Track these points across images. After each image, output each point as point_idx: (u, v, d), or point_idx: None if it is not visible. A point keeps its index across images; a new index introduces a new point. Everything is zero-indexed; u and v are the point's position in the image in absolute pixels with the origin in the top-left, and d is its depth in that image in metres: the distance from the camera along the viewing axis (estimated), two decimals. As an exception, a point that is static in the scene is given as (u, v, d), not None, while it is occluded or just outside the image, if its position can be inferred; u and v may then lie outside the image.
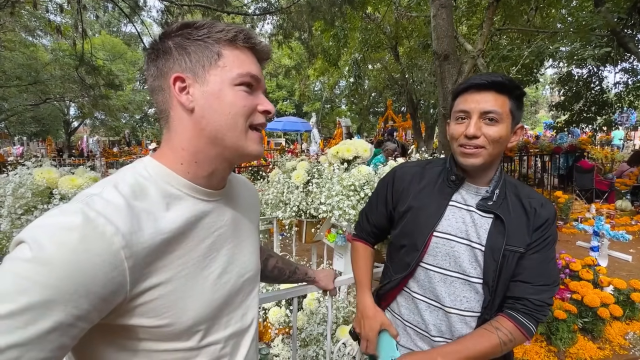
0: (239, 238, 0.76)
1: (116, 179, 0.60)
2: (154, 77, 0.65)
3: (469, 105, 0.95)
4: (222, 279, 0.69)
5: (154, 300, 0.56)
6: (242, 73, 0.64)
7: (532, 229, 0.96)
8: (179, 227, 0.60)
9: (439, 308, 1.00)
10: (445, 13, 4.45)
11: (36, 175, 1.54)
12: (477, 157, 0.95)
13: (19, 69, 12.51)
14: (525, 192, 1.03)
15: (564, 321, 2.70)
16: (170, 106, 0.65)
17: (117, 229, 0.51)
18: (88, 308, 0.48)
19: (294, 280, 1.24)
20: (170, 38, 0.64)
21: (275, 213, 2.33)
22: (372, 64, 15.15)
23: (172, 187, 0.63)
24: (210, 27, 0.64)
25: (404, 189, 1.09)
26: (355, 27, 9.69)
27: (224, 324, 0.70)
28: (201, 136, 0.64)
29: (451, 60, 4.48)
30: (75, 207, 0.51)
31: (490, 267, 0.94)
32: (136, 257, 0.52)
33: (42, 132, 21.75)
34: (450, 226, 1.00)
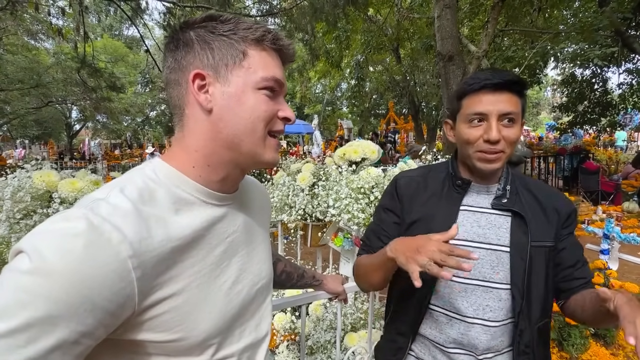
0: (252, 244, 0.72)
1: (123, 182, 0.55)
2: (170, 69, 0.61)
3: (486, 107, 0.88)
4: (235, 289, 0.65)
5: (164, 314, 0.52)
6: (266, 77, 0.60)
7: (559, 223, 0.94)
8: (191, 233, 0.56)
9: (460, 320, 0.93)
10: (450, 13, 4.41)
11: (35, 178, 1.49)
12: (498, 162, 0.90)
13: (21, 72, 12.53)
14: (535, 185, 1.00)
15: (575, 327, 2.63)
16: (186, 103, 0.61)
17: (124, 236, 0.46)
18: (94, 323, 0.44)
19: (301, 285, 1.20)
20: (193, 29, 0.60)
21: (280, 216, 2.28)
22: (374, 66, 15.15)
23: (183, 191, 0.59)
24: (237, 23, 0.60)
25: (410, 198, 1.02)
26: (357, 29, 9.69)
27: (237, 336, 0.66)
28: (217, 139, 0.60)
29: (456, 61, 4.44)
30: (78, 213, 0.46)
31: (518, 268, 0.89)
32: (145, 267, 0.48)
33: (44, 135, 21.79)
34: (466, 232, 0.94)
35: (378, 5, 9.56)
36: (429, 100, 13.87)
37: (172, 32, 0.63)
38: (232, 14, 0.65)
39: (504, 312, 0.91)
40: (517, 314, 0.89)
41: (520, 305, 0.88)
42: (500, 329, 0.91)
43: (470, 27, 10.01)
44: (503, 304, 0.91)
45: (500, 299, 0.91)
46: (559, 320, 2.68)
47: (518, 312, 0.89)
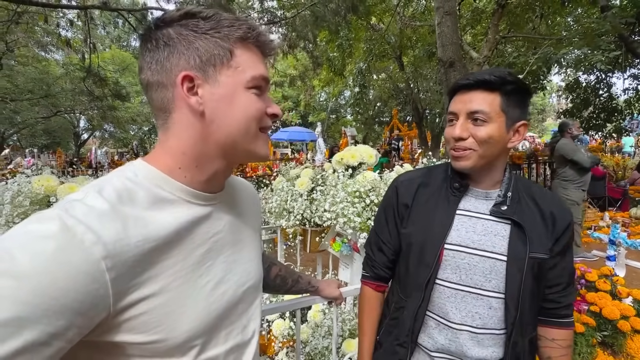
0: (239, 244, 0.71)
1: (102, 183, 0.55)
2: (152, 71, 0.58)
3: (457, 106, 0.91)
4: (220, 289, 0.63)
5: (143, 314, 0.51)
6: (256, 76, 0.60)
7: (555, 234, 0.91)
8: (171, 233, 0.55)
9: (448, 327, 0.92)
10: (450, 20, 4.44)
11: (34, 183, 1.51)
12: (467, 160, 0.90)
13: (31, 82, 12.81)
14: (539, 192, 0.97)
15: (582, 334, 2.57)
16: (173, 107, 0.59)
17: (98, 237, 0.46)
18: (65, 325, 0.43)
19: (297, 290, 1.18)
20: (172, 26, 0.58)
21: (279, 222, 2.28)
22: (377, 74, 15.22)
23: (164, 191, 0.58)
24: (219, 20, 0.59)
25: (411, 200, 1.01)
26: (360, 37, 9.78)
27: (223, 338, 0.64)
28: (208, 141, 0.60)
29: (457, 67, 4.46)
30: (53, 214, 0.47)
31: (514, 279, 0.87)
32: (120, 268, 0.47)
33: (53, 144, 22.14)
34: (460, 237, 0.92)
35: (380, 14, 9.65)
36: (432, 107, 13.87)
37: (148, 30, 0.60)
38: (212, 10, 0.62)
39: (494, 321, 0.89)
40: (511, 326, 0.87)
41: (514, 317, 0.87)
42: (489, 337, 0.89)
43: (473, 34, 10.05)
44: (493, 313, 0.89)
45: (490, 307, 0.89)
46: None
47: (512, 324, 0.87)
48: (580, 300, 2.92)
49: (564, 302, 0.95)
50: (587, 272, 3.30)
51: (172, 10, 0.60)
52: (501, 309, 0.88)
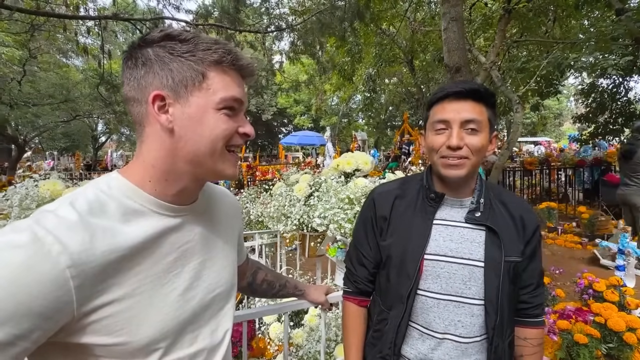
0: (210, 253, 0.74)
1: (76, 195, 0.59)
2: (130, 87, 0.63)
3: (449, 115, 0.91)
4: (187, 295, 0.66)
5: (106, 318, 0.54)
6: (225, 97, 0.62)
7: (525, 237, 0.94)
8: (139, 243, 0.59)
9: (431, 336, 0.92)
10: (456, 26, 4.43)
11: (41, 187, 1.60)
12: (462, 169, 0.90)
13: (52, 88, 13.29)
14: (509, 198, 1.00)
15: (585, 346, 2.51)
16: (146, 121, 0.63)
17: (65, 247, 0.50)
18: (30, 327, 0.47)
19: (284, 294, 1.20)
20: (152, 47, 0.61)
21: (277, 226, 2.32)
22: (389, 78, 15.19)
23: (135, 202, 0.61)
24: (196, 44, 0.61)
25: (389, 212, 1.01)
26: (370, 42, 9.80)
27: (188, 341, 0.67)
28: (176, 156, 0.63)
29: (463, 72, 4.44)
30: (25, 225, 0.51)
31: (492, 284, 0.89)
32: (84, 276, 0.51)
33: (72, 147, 22.87)
34: (438, 246, 0.93)
35: (391, 19, 9.66)
36: (444, 112, 13.71)
37: (130, 49, 0.63)
38: (192, 33, 0.63)
39: (477, 328, 0.90)
40: (492, 330, 0.88)
41: (494, 322, 0.88)
42: (472, 345, 0.90)
43: (485, 38, 9.94)
44: (475, 320, 0.90)
45: (473, 315, 0.90)
46: (567, 339, 2.56)
47: (492, 328, 0.88)
48: (587, 310, 2.85)
49: (535, 302, 0.99)
50: (595, 282, 3.22)
51: (154, 31, 0.63)
52: (482, 315, 0.89)
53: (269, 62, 6.39)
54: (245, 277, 1.07)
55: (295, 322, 2.40)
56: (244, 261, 1.03)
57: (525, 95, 7.55)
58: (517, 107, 4.58)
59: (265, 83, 10.07)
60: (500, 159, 4.83)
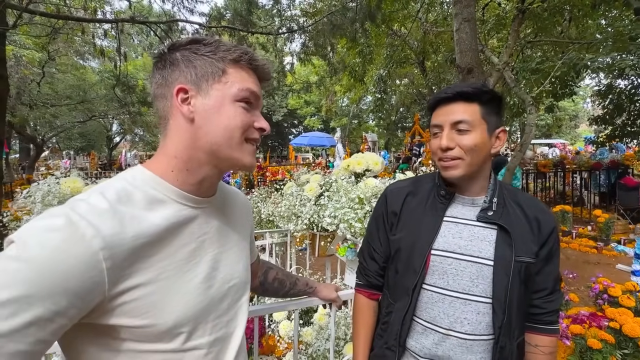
0: (225, 246, 0.77)
1: (105, 186, 0.63)
2: (158, 85, 0.69)
3: (440, 119, 0.96)
4: (206, 284, 0.70)
5: (133, 301, 0.58)
6: (242, 88, 0.68)
7: (540, 239, 0.94)
8: (162, 231, 0.62)
9: (435, 331, 0.94)
10: (469, 27, 4.40)
11: (62, 184, 1.66)
12: (456, 169, 0.93)
13: (69, 89, 13.70)
14: (524, 198, 1.00)
15: (599, 351, 2.46)
16: (170, 114, 0.68)
17: (98, 231, 0.53)
18: (66, 305, 0.50)
19: (295, 292, 1.23)
20: (179, 50, 0.68)
21: (287, 225, 2.35)
22: (400, 79, 15.12)
23: (158, 192, 0.65)
24: (218, 46, 0.68)
25: (400, 208, 1.05)
26: (381, 43, 9.78)
27: (209, 329, 0.70)
28: (197, 146, 0.67)
29: (475, 74, 4.40)
30: (60, 211, 0.55)
31: (501, 283, 0.89)
32: (115, 259, 0.55)
33: (88, 147, 23.45)
34: (446, 243, 0.95)
35: (402, 20, 9.62)
36: (455, 113, 13.56)
37: (161, 53, 0.71)
38: (215, 38, 0.72)
39: (483, 327, 0.91)
40: (498, 330, 0.89)
41: (501, 321, 0.89)
42: (478, 343, 0.91)
43: (499, 39, 9.81)
44: (481, 318, 0.91)
45: (479, 312, 0.91)
46: (580, 344, 2.52)
47: (499, 328, 0.89)
48: (601, 315, 2.80)
49: (549, 308, 0.97)
50: (610, 287, 3.15)
51: (182, 38, 0.72)
52: (489, 313, 0.90)
53: (280, 63, 6.45)
54: (256, 277, 1.10)
55: (304, 320, 2.42)
56: (254, 260, 1.05)
57: (539, 96, 7.43)
58: (531, 109, 4.52)
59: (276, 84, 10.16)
60: (513, 160, 4.77)
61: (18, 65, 10.10)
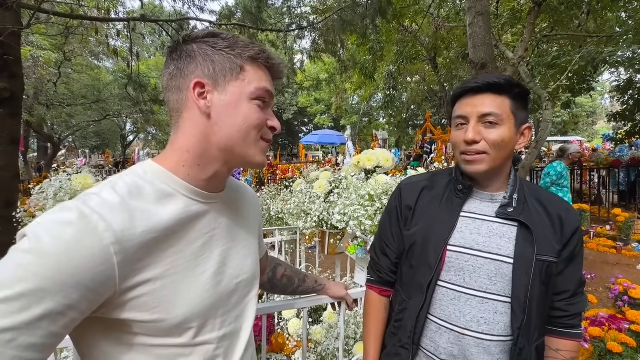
0: (234, 241, 0.77)
1: (116, 180, 0.63)
2: (172, 76, 0.68)
3: (466, 110, 0.90)
4: (215, 279, 0.69)
5: (144, 296, 0.58)
6: (259, 87, 0.68)
7: (563, 238, 0.89)
8: (172, 226, 0.62)
9: (450, 330, 0.90)
10: (482, 21, 4.29)
11: (74, 180, 1.68)
12: (480, 164, 0.89)
13: (85, 89, 13.97)
14: (546, 195, 0.96)
15: (619, 355, 2.38)
16: (184, 107, 0.67)
17: (109, 225, 0.53)
18: (78, 298, 0.50)
19: (304, 290, 1.21)
20: (196, 42, 0.67)
21: (297, 223, 2.33)
22: (411, 76, 14.95)
23: (169, 186, 0.65)
24: (236, 42, 0.68)
25: (414, 203, 1.01)
26: (392, 39, 9.67)
27: (218, 324, 0.70)
28: (210, 141, 0.67)
29: (489, 69, 4.29)
30: (73, 205, 0.54)
31: (521, 282, 0.85)
32: (126, 253, 0.54)
33: (102, 146, 23.95)
34: (463, 239, 0.91)
35: (414, 16, 9.49)
36: (468, 110, 13.35)
37: (176, 44, 0.70)
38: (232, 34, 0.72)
39: (502, 327, 0.87)
40: (518, 330, 0.85)
41: (521, 321, 0.84)
42: (496, 344, 0.87)
43: (513, 34, 9.60)
44: (499, 318, 0.87)
45: (497, 312, 0.87)
46: (599, 347, 2.43)
47: (518, 328, 0.85)
48: (622, 318, 2.70)
49: (572, 311, 0.92)
50: (630, 289, 3.04)
51: (199, 31, 0.70)
52: (507, 313, 0.86)
53: (290, 60, 6.44)
54: (265, 273, 1.09)
55: (314, 318, 2.41)
56: (263, 257, 1.04)
57: (555, 92, 7.23)
58: (547, 104, 4.39)
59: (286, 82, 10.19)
60: (528, 158, 4.65)
61: (35, 66, 10.34)
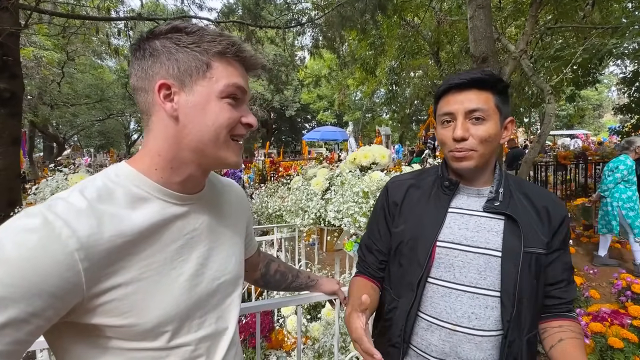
0: (217, 242, 0.75)
1: (86, 183, 0.61)
2: (137, 77, 0.65)
3: (453, 107, 0.90)
4: (193, 281, 0.68)
5: (114, 300, 0.57)
6: (228, 84, 0.64)
7: (551, 229, 0.90)
8: (144, 229, 0.61)
9: (441, 327, 0.90)
10: (483, 14, 4.24)
11: (70, 180, 1.68)
12: (470, 160, 0.89)
13: (88, 88, 14.07)
14: (532, 188, 0.97)
15: (620, 351, 2.36)
16: (152, 110, 0.65)
17: (74, 231, 0.52)
18: (42, 306, 0.49)
19: (297, 285, 1.20)
20: (159, 39, 0.64)
21: (294, 220, 2.33)
22: (414, 71, 14.82)
23: (141, 189, 0.63)
24: (202, 36, 0.64)
25: (401, 201, 1.02)
26: (393, 34, 9.58)
27: (195, 326, 0.68)
28: (181, 144, 0.64)
29: (490, 62, 4.25)
30: (37, 210, 0.53)
31: (510, 274, 0.85)
32: (92, 259, 0.53)
33: (107, 145, 24.12)
34: (452, 234, 0.91)
35: (415, 10, 9.38)
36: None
37: (139, 41, 0.65)
38: (198, 26, 0.66)
39: (492, 322, 0.86)
40: (507, 323, 0.84)
41: (510, 314, 0.84)
42: (487, 340, 0.86)
43: (517, 26, 9.46)
44: (490, 312, 0.86)
45: (487, 307, 0.86)
46: (600, 343, 2.41)
47: (508, 321, 0.84)
48: (624, 313, 2.67)
49: (567, 298, 0.94)
50: (633, 283, 3.01)
51: (161, 25, 0.66)
52: (497, 308, 0.86)
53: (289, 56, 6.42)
54: (258, 269, 1.09)
55: (312, 315, 2.41)
56: (254, 253, 1.04)
57: (559, 85, 7.13)
58: (550, 98, 4.34)
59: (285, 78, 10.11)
60: (531, 152, 4.60)
61: (38, 67, 10.41)
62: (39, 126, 12.51)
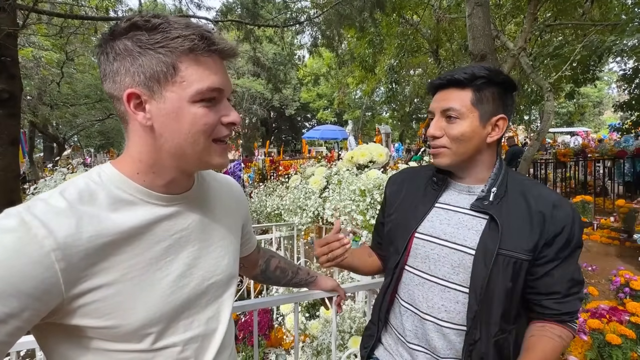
0: (207, 241, 0.74)
1: (67, 184, 0.61)
2: (108, 84, 0.61)
3: (433, 105, 0.96)
4: (180, 282, 0.67)
5: (96, 302, 0.56)
6: (201, 89, 0.59)
7: (543, 236, 0.85)
8: (126, 230, 0.60)
9: (414, 313, 0.96)
10: (482, 11, 4.23)
11: (68, 180, 1.69)
12: (442, 157, 0.94)
13: (88, 88, 14.03)
14: (534, 190, 0.91)
15: (618, 347, 2.36)
16: (127, 119, 0.63)
17: (50, 232, 0.52)
18: (20, 307, 0.49)
19: (297, 281, 1.22)
20: (119, 39, 0.58)
21: (293, 218, 2.34)
22: (413, 69, 14.81)
23: (125, 192, 0.62)
24: (165, 32, 0.57)
25: (395, 194, 1.10)
26: (392, 32, 9.56)
27: (182, 327, 0.67)
28: (160, 152, 0.63)
29: (489, 60, 4.25)
30: (15, 211, 0.53)
31: (480, 273, 0.85)
32: (70, 260, 0.53)
33: (107, 145, 24.10)
34: (432, 227, 0.95)
35: (414, 8, 9.36)
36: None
37: (101, 42, 0.61)
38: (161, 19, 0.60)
39: (461, 316, 0.89)
40: (471, 321, 0.85)
41: (475, 312, 0.85)
42: (455, 333, 0.89)
43: (516, 24, 9.44)
44: (460, 307, 0.89)
45: (457, 302, 0.89)
46: (598, 339, 2.42)
47: (472, 319, 0.85)
48: (622, 310, 2.68)
49: (563, 310, 0.89)
50: (632, 280, 3.02)
51: (119, 22, 0.60)
52: (466, 304, 0.87)
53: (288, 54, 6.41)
54: (258, 265, 1.09)
55: (311, 313, 2.42)
56: (254, 250, 1.04)
57: (558, 82, 7.13)
58: (548, 95, 4.34)
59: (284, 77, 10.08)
60: (530, 150, 4.60)
61: (38, 67, 10.40)
62: (39, 126, 12.50)
